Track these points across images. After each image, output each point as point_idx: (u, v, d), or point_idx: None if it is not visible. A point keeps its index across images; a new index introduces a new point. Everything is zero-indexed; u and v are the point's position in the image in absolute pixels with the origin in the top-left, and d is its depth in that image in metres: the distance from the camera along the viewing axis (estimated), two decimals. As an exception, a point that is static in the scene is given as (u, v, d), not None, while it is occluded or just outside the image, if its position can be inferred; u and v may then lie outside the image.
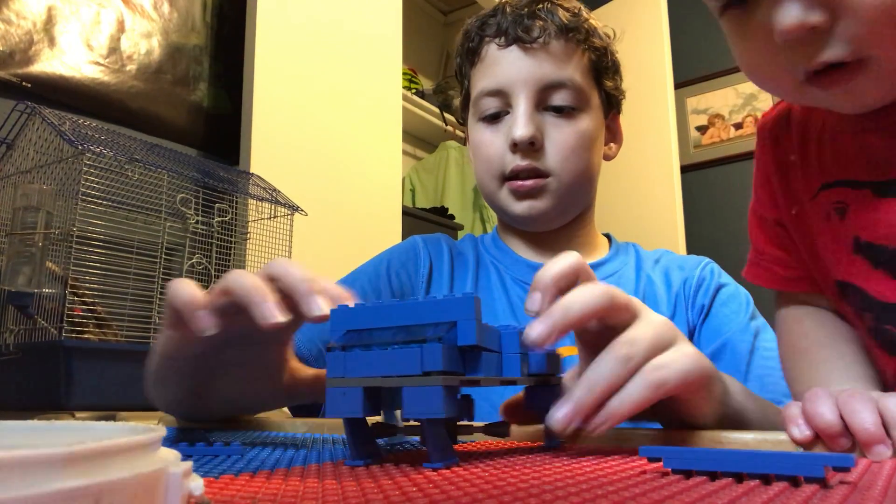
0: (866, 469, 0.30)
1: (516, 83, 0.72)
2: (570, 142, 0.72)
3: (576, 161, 0.73)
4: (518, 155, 0.72)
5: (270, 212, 1.35)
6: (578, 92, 0.73)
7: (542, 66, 0.72)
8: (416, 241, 0.82)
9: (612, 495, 0.22)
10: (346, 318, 0.33)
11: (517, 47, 0.72)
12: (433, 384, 0.28)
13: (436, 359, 0.28)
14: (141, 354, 1.06)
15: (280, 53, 1.70)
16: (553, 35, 0.72)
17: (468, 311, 0.30)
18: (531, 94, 0.72)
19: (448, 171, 2.77)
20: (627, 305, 0.39)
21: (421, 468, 0.29)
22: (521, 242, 0.80)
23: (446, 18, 3.39)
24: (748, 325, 0.71)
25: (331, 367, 0.30)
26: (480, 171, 0.77)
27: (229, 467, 0.30)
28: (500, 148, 0.73)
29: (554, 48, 0.72)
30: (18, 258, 1.01)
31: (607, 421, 0.36)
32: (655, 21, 2.74)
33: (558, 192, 0.73)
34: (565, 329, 0.35)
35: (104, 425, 0.20)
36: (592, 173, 0.76)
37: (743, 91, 3.28)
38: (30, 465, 0.12)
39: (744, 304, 0.73)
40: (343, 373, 0.30)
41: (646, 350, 0.37)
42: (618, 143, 0.84)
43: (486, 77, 0.75)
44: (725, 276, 0.78)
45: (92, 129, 1.17)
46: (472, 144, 0.79)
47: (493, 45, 0.74)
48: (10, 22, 1.35)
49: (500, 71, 0.73)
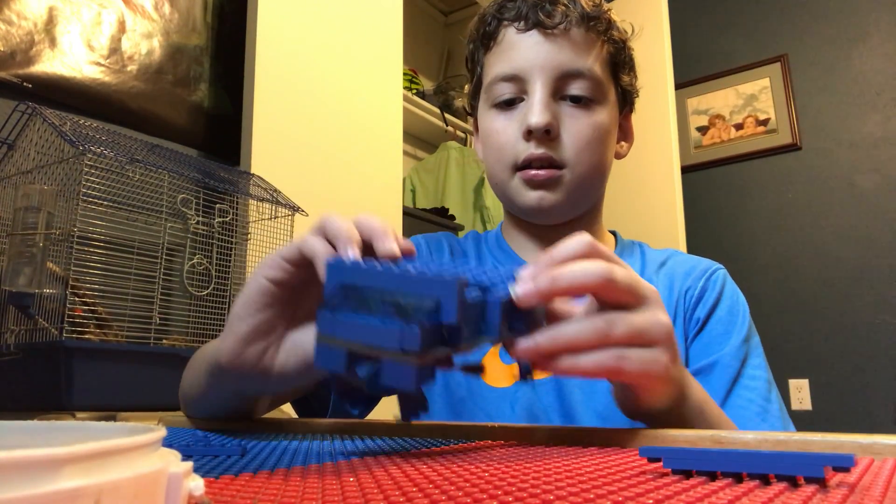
0: (866, 469, 0.30)
1: (534, 69, 0.69)
2: (586, 133, 0.70)
3: (590, 154, 0.70)
4: (532, 143, 0.69)
5: (271, 212, 1.35)
6: (597, 83, 0.70)
7: (562, 52, 0.69)
8: (419, 241, 0.80)
9: (612, 495, 0.22)
10: (341, 272, 0.35)
11: (537, 32, 0.70)
12: (408, 363, 0.30)
13: (413, 341, 0.30)
14: (141, 355, 1.07)
15: (280, 54, 1.70)
16: (574, 22, 0.69)
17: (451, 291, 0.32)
18: (548, 81, 0.69)
19: (448, 171, 2.77)
20: (631, 289, 0.40)
21: (421, 468, 0.29)
22: (527, 240, 0.78)
23: (447, 19, 3.39)
24: (740, 347, 0.68)
25: (321, 323, 0.33)
26: (491, 160, 0.74)
27: (229, 467, 0.30)
28: (514, 135, 0.70)
29: (574, 35, 0.69)
30: (19, 258, 1.01)
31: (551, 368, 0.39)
32: (656, 21, 2.74)
33: (571, 185, 0.70)
34: (549, 294, 0.37)
35: (104, 425, 0.20)
36: (605, 169, 0.74)
37: (743, 92, 3.28)
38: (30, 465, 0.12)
39: (739, 323, 0.70)
40: (331, 332, 0.33)
41: (625, 333, 0.39)
42: (629, 142, 0.81)
43: (501, 61, 0.72)
44: (730, 287, 0.74)
45: (93, 130, 1.17)
46: (483, 132, 0.75)
47: (512, 29, 0.71)
48: (11, 22, 1.35)
49: (517, 55, 0.70)
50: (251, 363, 0.44)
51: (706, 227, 3.25)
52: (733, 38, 3.34)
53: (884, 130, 2.90)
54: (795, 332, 2.95)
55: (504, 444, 0.42)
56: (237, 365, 0.44)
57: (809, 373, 2.91)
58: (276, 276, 0.42)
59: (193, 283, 1.25)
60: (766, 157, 3.18)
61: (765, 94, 3.21)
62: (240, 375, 0.45)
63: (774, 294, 3.02)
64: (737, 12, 3.33)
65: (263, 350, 0.44)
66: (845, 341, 2.85)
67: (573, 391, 0.67)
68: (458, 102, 2.94)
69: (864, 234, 2.88)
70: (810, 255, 2.99)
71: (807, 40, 3.13)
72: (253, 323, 0.43)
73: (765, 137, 3.19)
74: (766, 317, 2.97)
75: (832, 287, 2.91)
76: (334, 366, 0.32)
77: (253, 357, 0.44)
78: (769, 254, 3.09)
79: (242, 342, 0.43)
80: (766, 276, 3.06)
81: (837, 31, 3.06)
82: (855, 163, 2.95)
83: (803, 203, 3.05)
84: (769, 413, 0.63)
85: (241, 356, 0.44)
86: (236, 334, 0.43)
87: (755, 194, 3.18)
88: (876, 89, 2.94)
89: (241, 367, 0.44)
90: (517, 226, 0.79)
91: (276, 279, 0.42)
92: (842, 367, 2.84)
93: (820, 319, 2.92)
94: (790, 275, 3.02)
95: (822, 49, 3.09)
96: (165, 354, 1.09)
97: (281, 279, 0.42)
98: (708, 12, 3.41)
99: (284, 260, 0.42)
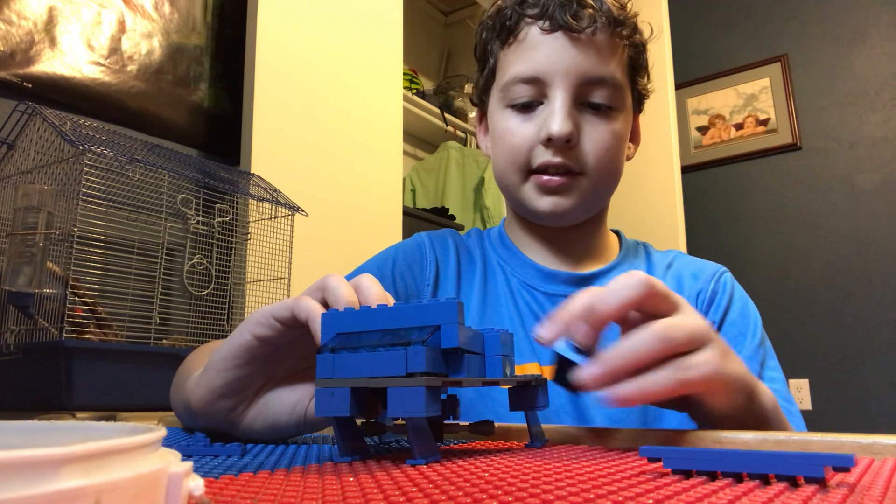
0: (866, 469, 0.30)
1: (557, 73, 0.66)
2: (605, 142, 0.68)
3: (608, 162, 0.69)
4: (551, 150, 0.67)
5: (271, 212, 1.35)
6: (618, 90, 0.68)
7: (588, 58, 0.66)
8: (423, 240, 0.79)
9: (612, 495, 0.22)
10: (337, 321, 0.34)
11: (563, 34, 0.66)
12: (416, 385, 0.29)
13: (419, 361, 0.29)
14: (141, 355, 1.07)
15: (280, 54, 1.70)
16: (602, 27, 0.67)
17: (451, 315, 0.31)
18: (571, 88, 0.66)
19: (449, 171, 2.77)
20: (667, 296, 0.40)
21: (421, 468, 0.29)
22: (532, 240, 0.77)
23: (447, 19, 3.39)
24: (756, 351, 0.68)
25: (320, 369, 0.32)
26: (502, 162, 0.72)
27: (229, 467, 0.30)
28: (530, 139, 0.68)
29: (600, 41, 0.67)
30: (19, 258, 1.01)
31: (629, 395, 0.37)
32: (656, 21, 2.73)
33: (587, 191, 0.69)
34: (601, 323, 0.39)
35: (104, 425, 0.20)
36: (619, 174, 0.73)
37: (744, 92, 3.28)
38: (30, 465, 0.12)
39: (752, 326, 0.70)
40: (332, 373, 0.31)
41: (684, 337, 0.39)
42: (636, 143, 0.80)
43: (522, 61, 0.69)
44: (738, 289, 0.74)
45: (93, 130, 1.17)
46: (496, 130, 0.73)
47: (535, 28, 0.68)
48: (10, 22, 1.35)
49: (539, 57, 0.67)
50: (220, 415, 0.43)
51: (706, 227, 3.25)
52: (733, 38, 3.34)
53: (884, 130, 2.90)
54: (795, 332, 2.95)
55: (504, 445, 0.42)
56: (206, 413, 0.44)
57: (809, 373, 2.90)
58: (264, 333, 0.40)
59: (193, 283, 1.25)
60: (766, 157, 3.18)
61: (765, 94, 3.21)
62: (208, 422, 0.45)
63: (774, 294, 3.02)
64: (737, 12, 3.33)
65: (234, 405, 0.43)
66: (845, 341, 2.85)
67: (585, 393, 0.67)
68: (458, 102, 2.94)
69: (864, 234, 2.87)
70: (810, 255, 2.99)
71: (807, 40, 3.13)
72: (229, 378, 0.42)
73: (765, 137, 3.19)
74: (766, 317, 2.94)
75: (832, 287, 2.91)
76: (338, 410, 0.31)
77: (223, 409, 0.43)
78: (769, 254, 3.09)
79: (214, 394, 0.43)
80: (765, 276, 3.06)
81: (837, 31, 3.06)
82: (855, 163, 2.95)
83: (803, 203, 3.05)
84: (793, 415, 0.62)
85: (213, 406, 0.43)
86: (210, 385, 0.43)
87: (755, 194, 3.18)
88: (876, 89, 2.94)
89: (209, 416, 0.44)
90: (522, 225, 0.78)
91: (263, 337, 0.40)
92: (842, 367, 2.84)
93: (820, 319, 2.92)
94: (790, 274, 3.02)
95: (822, 49, 3.09)
96: (165, 354, 1.09)
97: (268, 337, 0.40)
98: (708, 12, 3.41)
99: (275, 319, 0.40)
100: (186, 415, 0.48)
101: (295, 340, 0.41)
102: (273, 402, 0.44)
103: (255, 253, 1.34)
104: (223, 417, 0.44)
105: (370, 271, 0.74)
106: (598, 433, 0.43)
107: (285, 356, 0.43)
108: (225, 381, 0.42)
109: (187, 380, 0.48)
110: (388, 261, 0.77)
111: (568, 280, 0.73)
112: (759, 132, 3.21)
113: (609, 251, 0.79)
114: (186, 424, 0.52)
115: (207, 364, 0.44)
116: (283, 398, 0.44)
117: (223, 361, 0.42)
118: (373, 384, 0.30)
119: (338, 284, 0.39)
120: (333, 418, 0.33)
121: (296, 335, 0.41)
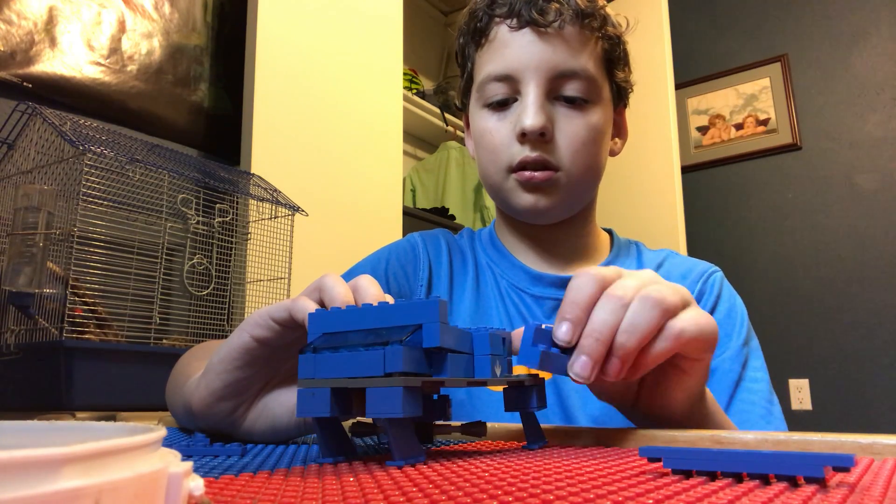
0: (866, 469, 0.30)
1: (527, 69, 0.68)
2: (581, 135, 0.68)
3: (585, 156, 0.69)
4: (527, 146, 0.68)
5: (271, 212, 1.35)
6: (591, 83, 0.69)
7: (556, 52, 0.67)
8: (416, 241, 0.79)
9: (612, 495, 0.22)
10: (323, 321, 0.34)
11: (530, 30, 0.68)
12: (394, 385, 0.29)
13: (397, 360, 0.29)
14: (141, 355, 1.07)
15: (281, 54, 1.70)
16: (568, 20, 0.68)
17: (433, 314, 0.31)
18: (542, 82, 0.67)
19: (449, 171, 2.77)
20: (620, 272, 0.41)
21: (421, 468, 0.29)
22: (520, 241, 0.77)
23: (447, 19, 3.39)
24: (740, 351, 0.68)
25: (302, 369, 0.31)
26: (484, 160, 0.73)
27: (229, 467, 0.30)
28: (507, 137, 0.69)
29: (569, 34, 0.68)
30: (19, 258, 1.01)
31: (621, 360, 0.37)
32: (656, 21, 2.74)
33: (566, 188, 0.69)
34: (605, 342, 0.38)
35: (104, 425, 0.20)
36: (600, 169, 0.73)
37: (744, 91, 3.28)
38: (30, 465, 0.12)
39: (737, 326, 0.70)
40: (313, 374, 0.31)
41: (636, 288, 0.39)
42: (623, 138, 0.79)
43: (493, 60, 0.70)
44: (727, 289, 0.74)
45: (93, 130, 1.17)
46: (476, 131, 0.74)
47: (504, 27, 0.69)
48: (11, 22, 1.35)
49: (510, 54, 0.69)
50: (220, 416, 0.44)
51: (706, 227, 3.25)
52: (733, 38, 3.34)
53: (884, 130, 2.90)
54: (795, 332, 2.95)
55: (504, 445, 0.42)
56: (206, 415, 0.44)
57: (809, 373, 2.91)
58: (262, 335, 0.40)
59: (193, 283, 1.25)
60: (766, 157, 3.18)
61: (765, 94, 3.21)
62: (208, 423, 0.45)
63: (774, 294, 3.02)
64: (737, 12, 3.33)
65: (234, 407, 0.43)
66: (845, 341, 2.85)
67: (570, 394, 0.67)
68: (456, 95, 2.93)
69: (864, 234, 2.88)
70: (810, 254, 2.99)
71: (807, 40, 3.13)
72: (228, 380, 0.42)
73: (765, 137, 3.19)
74: (765, 317, 2.96)
75: (832, 287, 2.91)
76: (318, 410, 0.30)
77: (223, 411, 0.43)
78: (769, 254, 3.09)
79: (214, 396, 0.43)
80: (765, 276, 3.06)
81: (838, 30, 3.06)
82: (855, 163, 2.95)
83: (803, 203, 3.05)
84: (773, 415, 0.62)
85: (213, 408, 0.43)
86: (210, 388, 0.43)
87: (755, 194, 3.18)
88: (876, 89, 2.94)
89: (210, 418, 0.44)
90: (510, 225, 0.78)
91: (262, 338, 0.40)
92: (842, 367, 2.84)
93: (820, 319, 2.92)
94: (790, 274, 3.02)
95: (822, 49, 3.09)
96: (165, 354, 1.09)
97: (266, 338, 0.40)
98: (708, 12, 3.41)
99: (273, 319, 0.40)
100: (186, 416, 0.48)
101: (294, 341, 0.41)
102: (273, 404, 0.44)
103: (255, 253, 1.34)
104: (224, 419, 0.44)
105: (363, 271, 0.74)
106: (596, 433, 0.43)
107: (284, 357, 0.43)
108: (224, 384, 0.42)
109: (186, 382, 0.48)
110: (381, 261, 0.77)
111: (555, 283, 0.74)
112: (759, 132, 3.21)
113: (599, 250, 0.79)
114: (185, 426, 0.52)
115: (207, 366, 0.43)
116: (282, 400, 0.44)
117: (222, 363, 0.42)
118: (352, 384, 0.30)
119: (334, 284, 0.39)
120: (314, 419, 0.32)
121: (294, 336, 0.41)
